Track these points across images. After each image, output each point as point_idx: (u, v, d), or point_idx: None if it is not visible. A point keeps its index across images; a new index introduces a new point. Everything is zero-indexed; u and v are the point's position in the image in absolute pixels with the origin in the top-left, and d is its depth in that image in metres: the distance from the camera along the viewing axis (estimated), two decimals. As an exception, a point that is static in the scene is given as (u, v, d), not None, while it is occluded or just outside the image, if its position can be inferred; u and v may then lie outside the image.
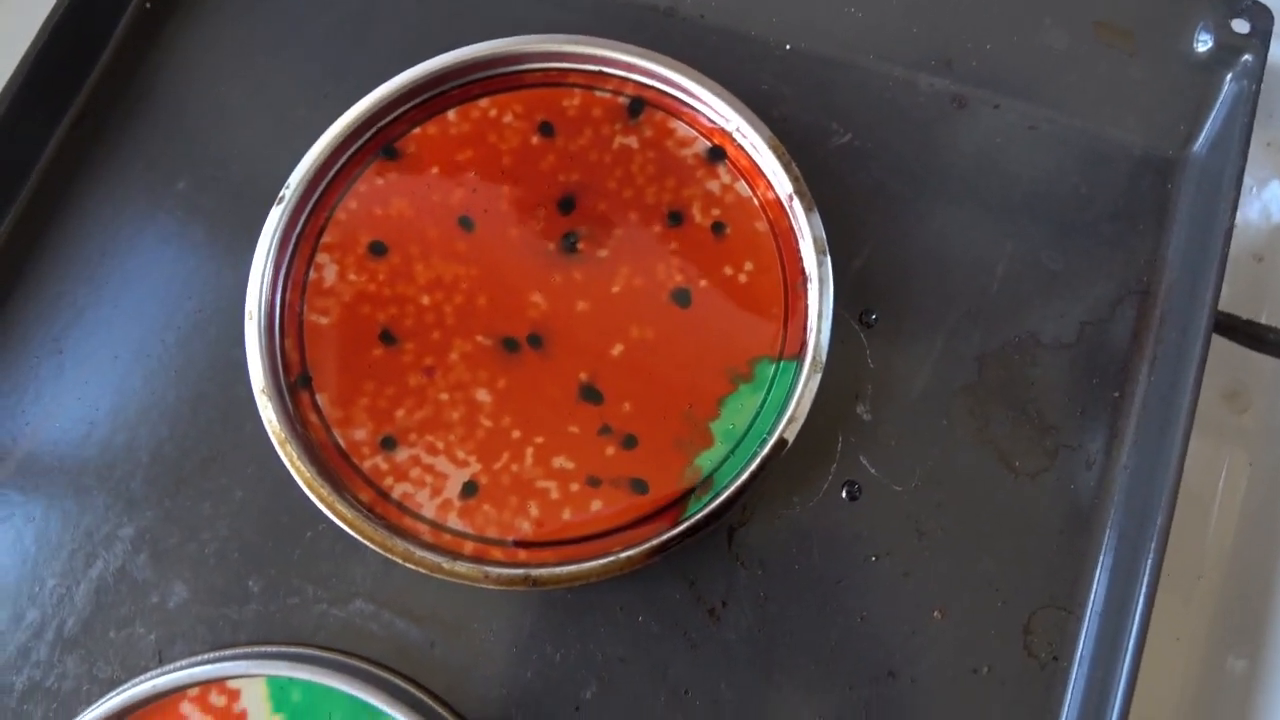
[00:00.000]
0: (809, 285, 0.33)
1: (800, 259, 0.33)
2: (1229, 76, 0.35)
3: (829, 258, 0.32)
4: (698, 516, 0.30)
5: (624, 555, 0.30)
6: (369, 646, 0.31)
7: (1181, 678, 0.34)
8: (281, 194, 0.34)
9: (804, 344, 0.32)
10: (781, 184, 0.34)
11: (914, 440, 0.32)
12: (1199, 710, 0.33)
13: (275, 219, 0.34)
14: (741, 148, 0.35)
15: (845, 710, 0.30)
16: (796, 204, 0.33)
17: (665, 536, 0.30)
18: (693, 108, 0.35)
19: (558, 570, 0.30)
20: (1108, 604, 0.30)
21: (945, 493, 0.31)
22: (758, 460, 0.30)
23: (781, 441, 0.31)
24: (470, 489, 0.32)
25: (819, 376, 0.31)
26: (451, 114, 0.36)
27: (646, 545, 0.30)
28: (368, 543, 0.30)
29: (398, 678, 0.31)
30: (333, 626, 0.31)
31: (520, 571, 0.30)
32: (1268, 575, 0.35)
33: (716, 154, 0.35)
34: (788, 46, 0.37)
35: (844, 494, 0.32)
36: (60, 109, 0.37)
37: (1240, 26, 0.36)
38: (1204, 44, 0.36)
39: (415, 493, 0.32)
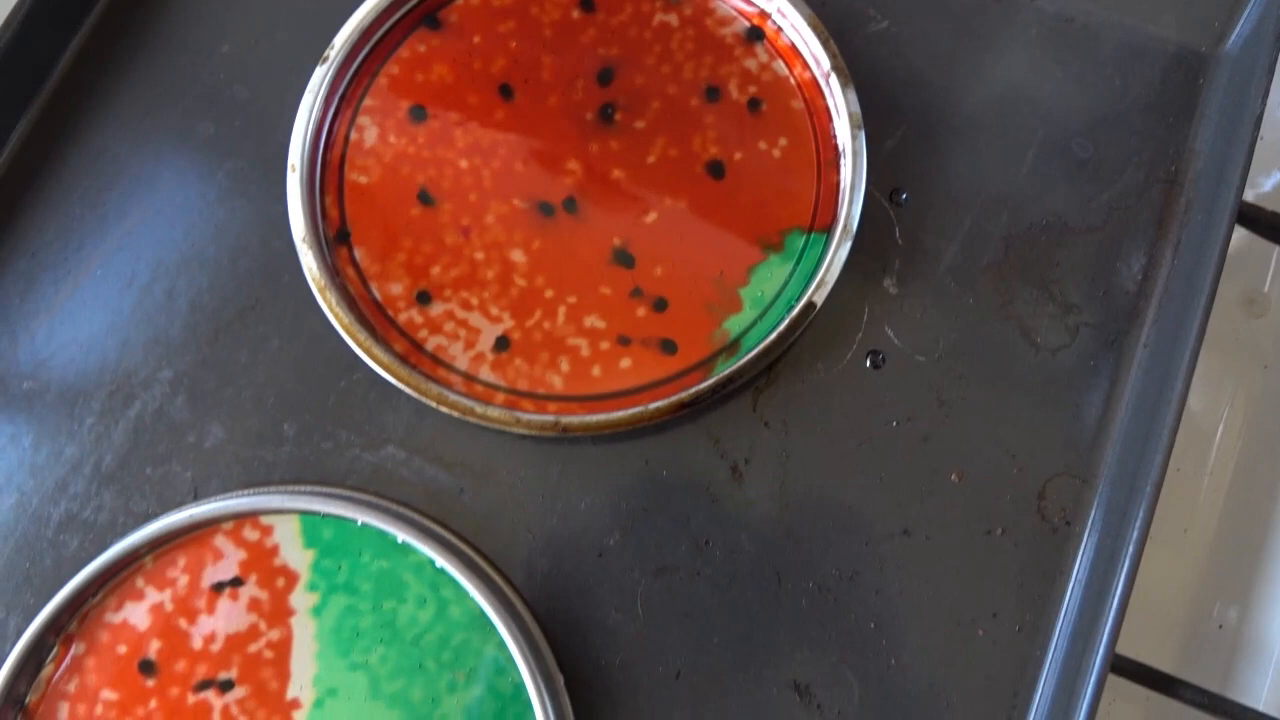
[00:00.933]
0: (842, 161, 0.33)
1: (834, 135, 0.34)
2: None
3: (863, 132, 0.32)
4: (726, 373, 0.31)
5: (652, 407, 0.31)
6: (399, 491, 0.32)
7: (1190, 561, 0.34)
8: (326, 54, 0.34)
9: (835, 217, 0.33)
10: (820, 62, 0.34)
11: (938, 313, 0.32)
12: (1203, 593, 0.34)
13: (319, 77, 0.34)
14: (780, 29, 0.35)
15: (861, 564, 0.30)
16: (834, 80, 0.33)
17: (694, 390, 0.31)
18: (733, -14, 0.36)
19: (587, 419, 0.31)
20: (1120, 475, 0.31)
21: (967, 364, 0.32)
22: (786, 321, 0.31)
23: (810, 305, 0.31)
24: (502, 343, 0.33)
25: (849, 245, 0.31)
26: (495, -16, 0.36)
27: (675, 399, 0.31)
28: (403, 386, 0.31)
29: (427, 519, 0.32)
30: (364, 471, 0.32)
31: (550, 418, 0.31)
32: (1276, 471, 0.35)
33: (755, 34, 0.35)
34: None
35: (868, 362, 0.32)
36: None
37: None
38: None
39: (449, 345, 0.33)
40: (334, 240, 0.34)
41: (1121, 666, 0.31)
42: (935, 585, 0.30)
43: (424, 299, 0.33)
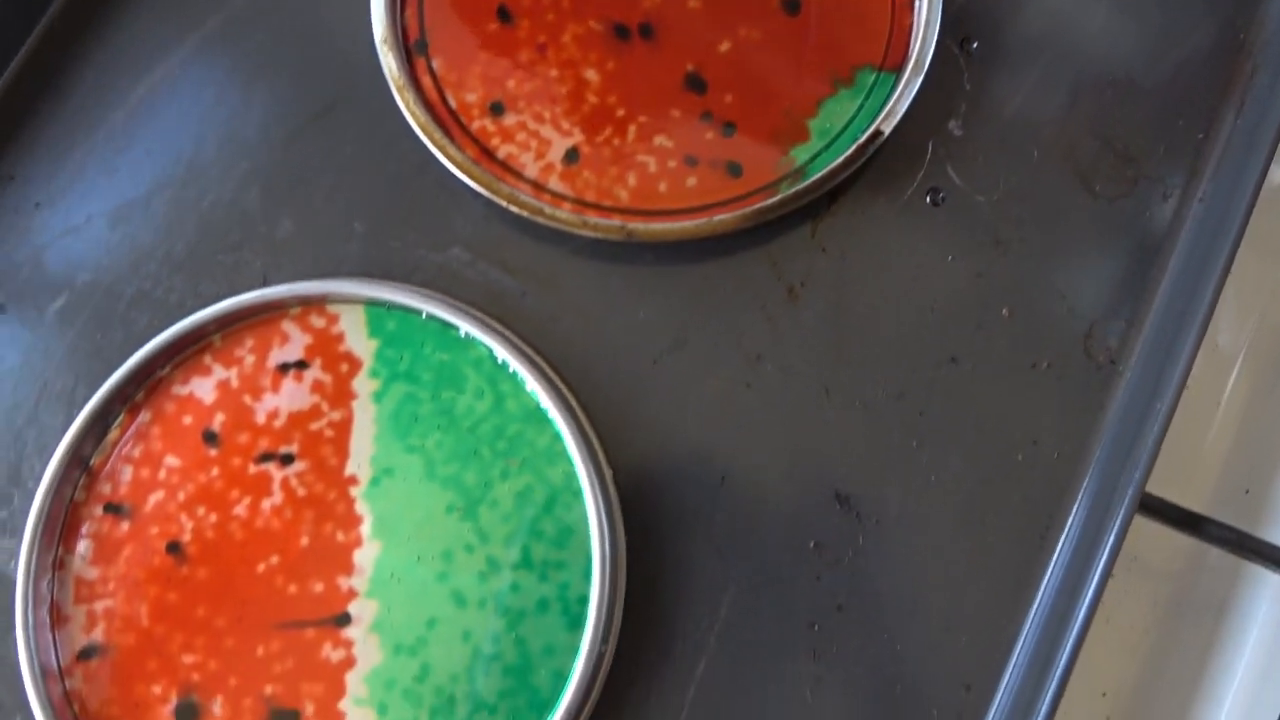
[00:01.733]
0: (917, 4, 0.34)
1: (910, -20, 0.34)
2: None
3: (940, -25, 0.33)
4: (793, 190, 0.32)
5: (717, 219, 0.32)
6: (463, 291, 0.33)
7: (1222, 432, 0.35)
8: None
9: (906, 56, 0.33)
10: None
11: (1001, 158, 0.33)
12: (1231, 461, 0.35)
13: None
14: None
15: (908, 387, 0.31)
16: (915, -76, 0.34)
17: (759, 205, 0.32)
18: None
19: (653, 226, 0.32)
20: (1166, 321, 0.31)
21: (1025, 208, 0.33)
22: (853, 148, 0.32)
23: (877, 133, 0.32)
24: (572, 156, 0.33)
25: (919, 81, 0.32)
26: None
27: (740, 212, 0.32)
28: (475, 185, 0.32)
29: (489, 318, 0.33)
30: (429, 270, 0.33)
31: (617, 223, 0.32)
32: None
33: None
34: None
35: (928, 199, 0.33)
36: None
37: None
38: None
39: (519, 154, 0.34)
40: (412, 49, 0.34)
41: (1151, 505, 0.32)
42: (978, 411, 0.31)
43: (497, 109, 0.34)
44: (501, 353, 0.32)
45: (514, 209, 0.32)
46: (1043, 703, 0.28)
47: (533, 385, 0.32)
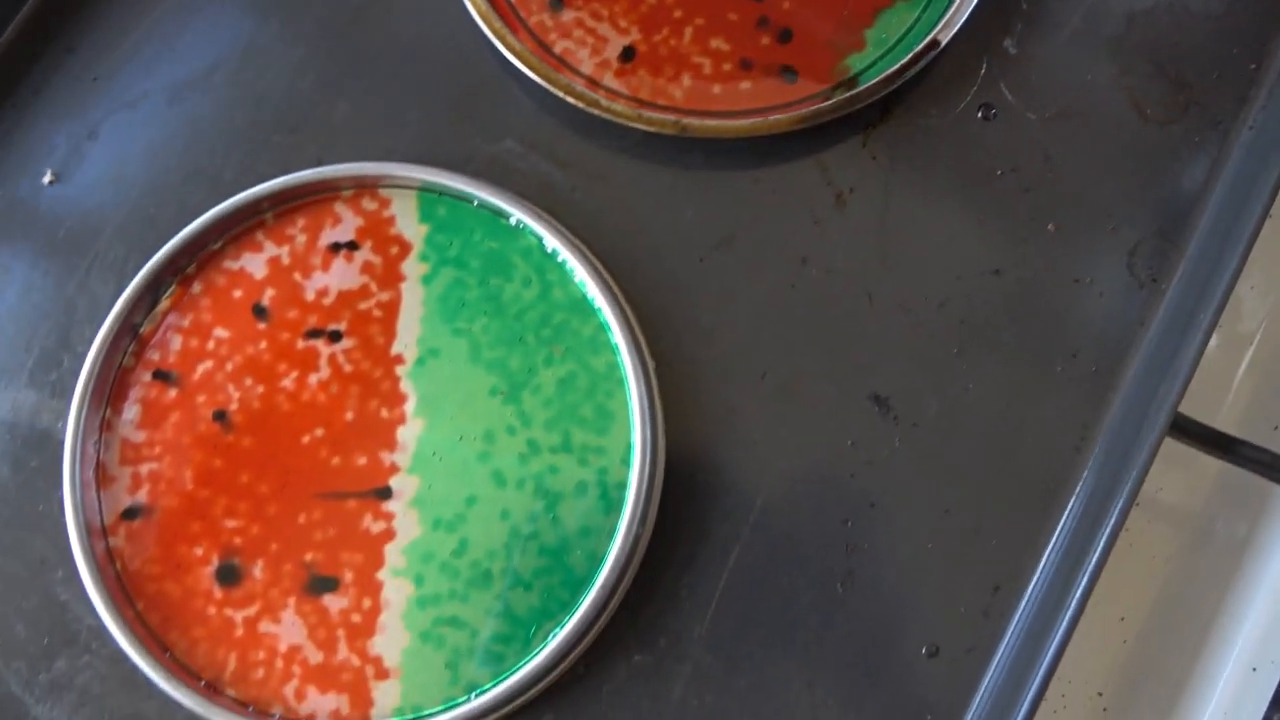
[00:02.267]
0: (978, -79, 0.34)
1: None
2: None
3: (1004, -108, 0.33)
4: (848, 95, 0.32)
5: (771, 119, 0.32)
6: (515, 182, 0.33)
7: (1260, 337, 0.35)
8: None
9: (965, -29, 0.34)
10: None
11: (1054, 77, 0.33)
12: (1273, 370, 0.35)
13: None
14: None
15: (950, 295, 0.32)
16: None
17: (814, 108, 0.32)
18: None
19: (707, 122, 0.32)
20: (1210, 243, 0.31)
21: (1076, 127, 0.33)
22: (909, 56, 0.32)
23: (934, 42, 0.32)
24: (628, 54, 0.34)
25: (978, -5, 0.32)
26: None
27: (794, 113, 0.32)
28: (532, 74, 0.32)
29: (540, 209, 0.33)
30: (482, 160, 0.33)
31: (672, 117, 0.32)
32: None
33: None
34: None
35: (980, 114, 0.33)
36: None
37: None
38: None
39: (576, 50, 0.34)
40: (473, -58, 0.35)
41: (1183, 425, 0.32)
42: (1020, 321, 0.31)
43: (556, 5, 0.34)
44: (551, 242, 0.32)
45: (570, 100, 0.32)
46: (1066, 611, 0.29)
47: (581, 275, 0.32)
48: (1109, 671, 0.36)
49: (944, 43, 0.32)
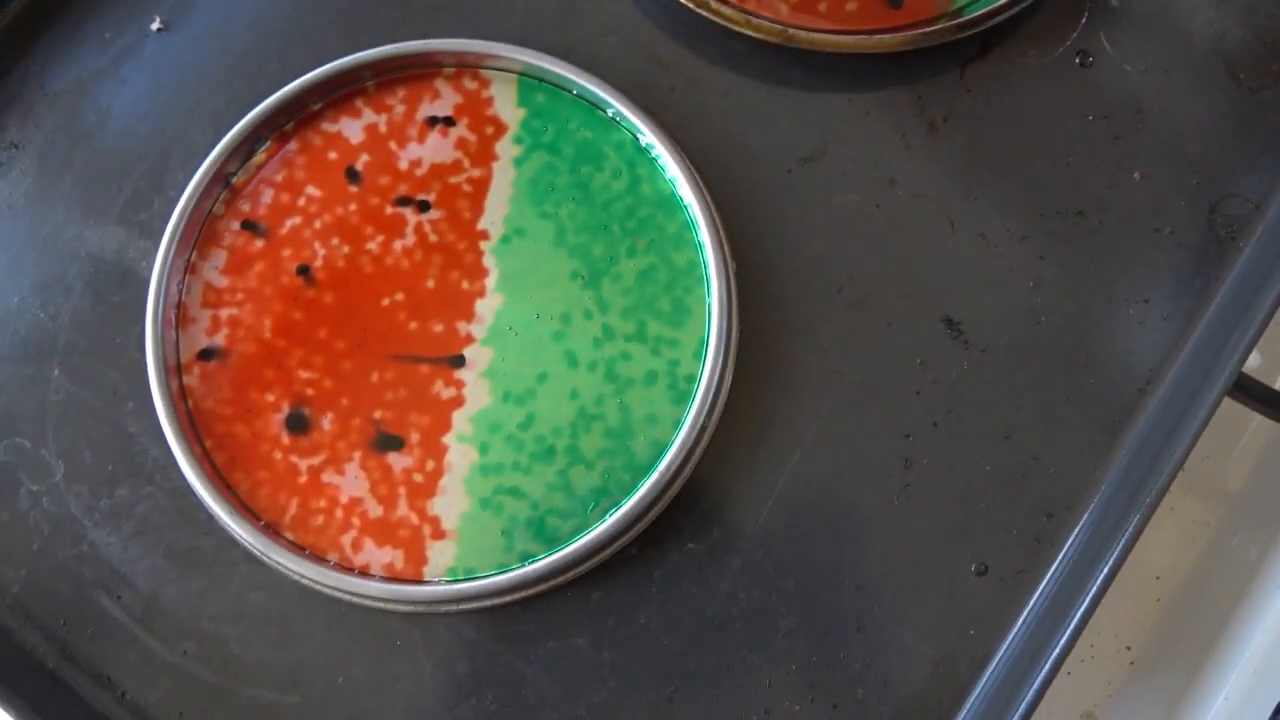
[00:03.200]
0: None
1: None
2: None
3: None
4: (950, 24, 0.32)
5: (877, 37, 0.32)
6: (615, 77, 0.33)
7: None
8: None
9: (1077, -80, 0.34)
10: None
11: (1152, 33, 0.34)
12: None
13: None
14: None
15: (1032, 230, 0.32)
16: None
17: (918, 32, 0.32)
18: None
19: (813, 34, 0.32)
20: (1292, 209, 0.32)
21: (1170, 84, 0.33)
22: (1013, -8, 0.33)
23: (1041, -19, 0.33)
24: (739, -36, 0.34)
25: (1088, -58, 0.33)
26: None
27: (899, 35, 0.32)
28: (645, -29, 0.33)
29: (636, 105, 0.33)
30: (584, 53, 0.34)
31: (779, 26, 0.33)
32: None
33: None
34: None
35: (1077, 60, 0.34)
36: None
37: None
38: None
39: (688, -44, 0.34)
40: None
41: (1244, 385, 0.33)
42: (1097, 263, 0.32)
43: (673, -89, 0.35)
44: (646, 138, 0.33)
45: (680, -1, 0.33)
46: (1111, 553, 0.29)
47: (672, 172, 0.32)
48: (1139, 627, 0.36)
49: (1051, -17, 0.32)
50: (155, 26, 0.35)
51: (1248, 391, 0.33)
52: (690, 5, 0.32)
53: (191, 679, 0.30)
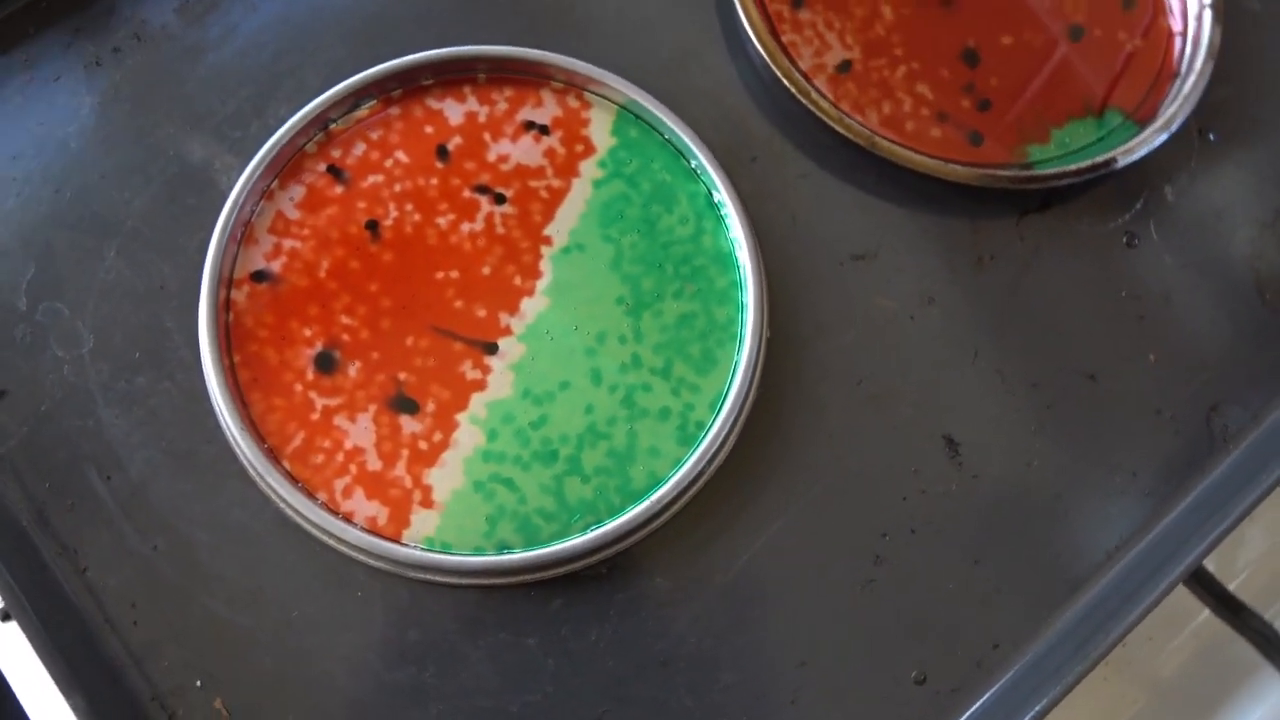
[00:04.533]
0: (1179, 81, 0.37)
1: (1182, 57, 0.38)
2: None
3: (1212, 65, 0.36)
4: (1022, 174, 0.35)
5: (951, 166, 0.35)
6: (705, 132, 0.35)
7: None
8: None
9: (1155, 116, 0.37)
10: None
11: (1198, 235, 0.36)
12: None
13: None
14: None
15: (1044, 381, 0.34)
16: (1206, 14, 0.37)
17: (988, 173, 0.34)
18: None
19: (895, 147, 0.35)
20: (1284, 429, 0.34)
21: (1201, 283, 0.36)
22: (1087, 163, 0.35)
23: (1110, 161, 0.35)
24: (845, 67, 0.36)
25: (1161, 140, 0.35)
26: None
27: (974, 170, 0.34)
28: (759, 46, 0.35)
29: (719, 165, 0.35)
30: (684, 102, 0.35)
31: (867, 131, 0.35)
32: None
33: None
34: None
35: (1124, 238, 0.36)
36: None
37: None
38: None
39: (800, 45, 0.37)
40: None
41: (1201, 578, 0.34)
42: (1097, 426, 0.34)
43: (798, 2, 0.37)
44: (720, 195, 0.34)
45: (784, 80, 0.35)
46: (1048, 692, 0.30)
47: (735, 234, 0.34)
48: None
49: (1118, 166, 0.35)
50: (301, -33, 0.38)
51: (1203, 584, 0.35)
52: (793, 91, 0.35)
53: (154, 573, 0.31)
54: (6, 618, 0.31)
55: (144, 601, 0.31)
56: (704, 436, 0.32)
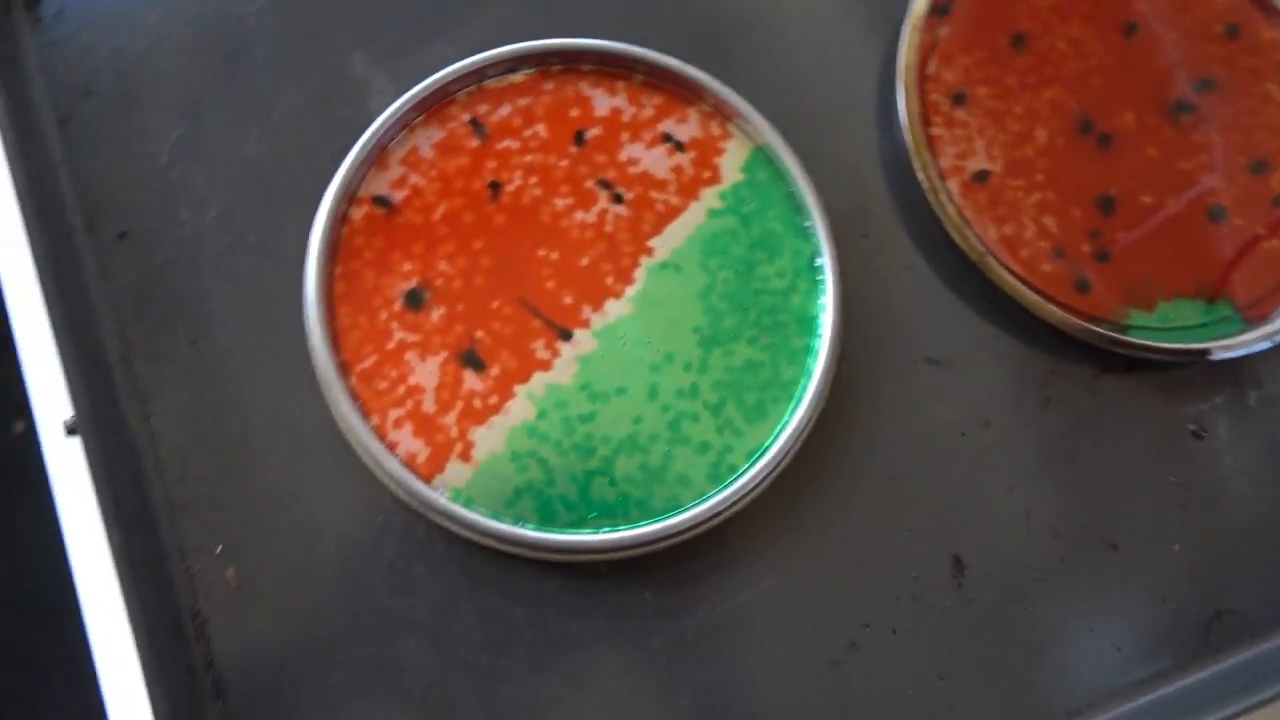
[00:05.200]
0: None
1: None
2: None
3: (1340, 287, 0.36)
4: (1110, 334, 0.35)
5: (1050, 306, 0.35)
6: (828, 199, 0.36)
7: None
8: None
9: (1267, 319, 0.36)
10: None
11: (1264, 452, 0.36)
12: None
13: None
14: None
15: (1066, 533, 0.34)
16: (1353, 237, 0.37)
17: (1083, 324, 0.35)
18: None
19: (1003, 273, 0.35)
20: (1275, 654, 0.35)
21: (1253, 496, 0.35)
22: (1180, 345, 0.35)
23: (1205, 351, 0.35)
24: (981, 177, 0.37)
25: (1264, 346, 0.35)
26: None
27: (1069, 317, 0.35)
28: (906, 125, 0.36)
29: (833, 240, 0.36)
30: (822, 163, 0.37)
31: (981, 248, 0.35)
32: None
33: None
34: None
35: (1191, 427, 0.36)
36: None
37: None
38: None
39: (946, 142, 0.37)
40: (935, 5, 0.38)
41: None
42: (1102, 593, 0.34)
43: (959, 100, 0.37)
44: (823, 261, 0.35)
45: (919, 172, 0.35)
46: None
47: (824, 301, 0.35)
48: None
49: (1211, 357, 0.35)
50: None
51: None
52: (925, 187, 0.35)
53: (207, 440, 0.34)
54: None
55: (193, 462, 0.34)
56: (733, 480, 0.34)
